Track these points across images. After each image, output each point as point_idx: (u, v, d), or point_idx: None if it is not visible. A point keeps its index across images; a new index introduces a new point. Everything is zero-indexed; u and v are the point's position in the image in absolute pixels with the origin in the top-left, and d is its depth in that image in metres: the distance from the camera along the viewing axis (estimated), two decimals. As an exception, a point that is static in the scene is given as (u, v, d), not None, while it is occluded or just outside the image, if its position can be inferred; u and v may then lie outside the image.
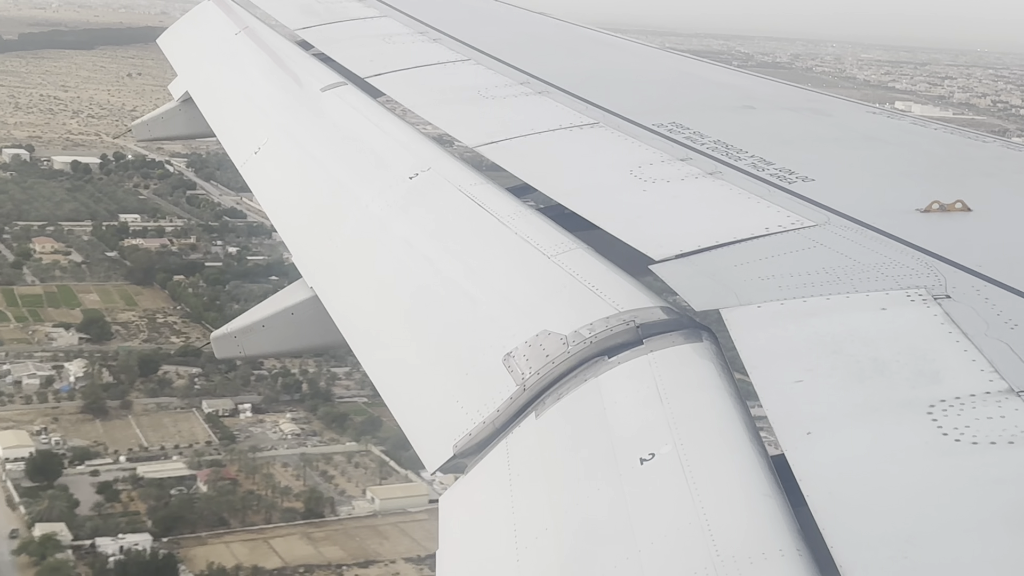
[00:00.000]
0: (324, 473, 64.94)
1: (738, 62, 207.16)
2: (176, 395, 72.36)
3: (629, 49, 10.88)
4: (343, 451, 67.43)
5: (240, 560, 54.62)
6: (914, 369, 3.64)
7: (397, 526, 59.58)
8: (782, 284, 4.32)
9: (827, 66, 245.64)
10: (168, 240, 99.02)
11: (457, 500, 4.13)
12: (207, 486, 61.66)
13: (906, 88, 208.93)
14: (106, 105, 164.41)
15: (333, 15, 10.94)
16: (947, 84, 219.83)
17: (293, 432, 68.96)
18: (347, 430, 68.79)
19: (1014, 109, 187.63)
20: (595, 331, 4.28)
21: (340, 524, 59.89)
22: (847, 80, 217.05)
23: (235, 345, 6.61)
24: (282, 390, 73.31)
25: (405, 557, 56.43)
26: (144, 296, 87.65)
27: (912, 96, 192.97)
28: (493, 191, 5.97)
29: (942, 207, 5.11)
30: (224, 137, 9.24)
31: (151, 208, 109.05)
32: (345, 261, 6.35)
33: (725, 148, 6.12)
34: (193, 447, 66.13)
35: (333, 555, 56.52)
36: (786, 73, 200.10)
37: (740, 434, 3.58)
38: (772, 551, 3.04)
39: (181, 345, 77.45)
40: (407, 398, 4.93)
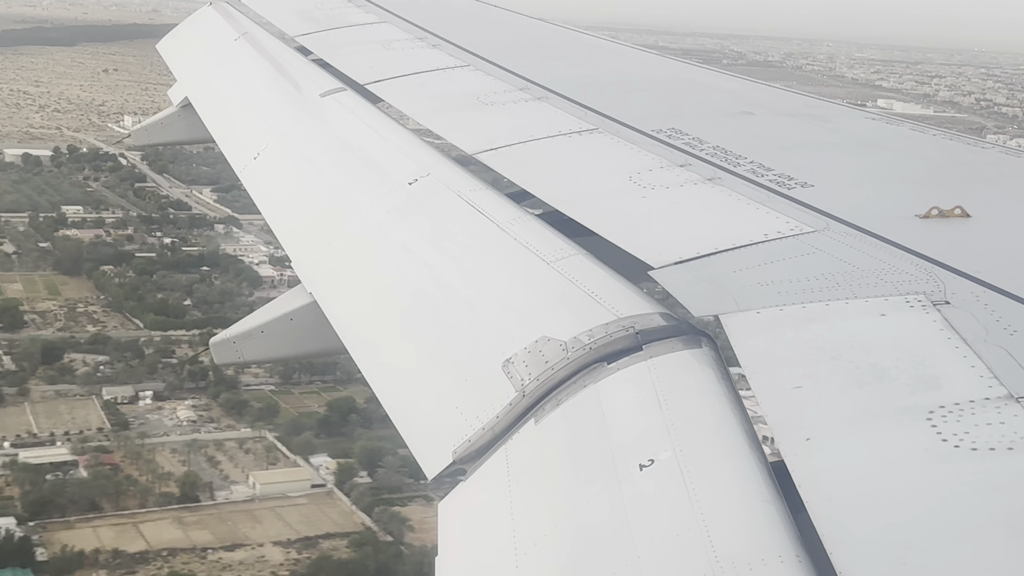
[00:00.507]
0: (211, 459, 65.08)
1: (728, 60, 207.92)
2: (77, 382, 72.42)
3: (628, 55, 10.89)
4: (237, 437, 67.70)
5: (104, 544, 54.67)
6: (913, 375, 3.64)
7: (274, 510, 59.86)
8: (781, 290, 4.32)
9: (818, 65, 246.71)
10: (104, 231, 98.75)
11: (456, 506, 4.13)
12: (88, 471, 61.53)
13: (892, 86, 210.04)
14: (75, 100, 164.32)
15: (332, 21, 10.95)
16: (935, 83, 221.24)
17: (189, 419, 69.22)
18: (245, 417, 69.18)
19: (996, 107, 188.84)
20: (594, 337, 4.28)
21: (215, 509, 60.08)
22: (835, 79, 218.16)
23: (234, 351, 6.60)
24: (188, 378, 73.42)
25: (274, 541, 56.66)
26: (69, 286, 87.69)
27: (897, 94, 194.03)
28: (492, 197, 5.97)
29: (941, 213, 5.11)
30: (223, 143, 9.24)
31: (95, 200, 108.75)
32: (344, 267, 6.35)
33: (724, 154, 6.12)
34: (83, 433, 66.12)
35: (201, 539, 56.67)
36: (776, 72, 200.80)
37: (739, 440, 3.58)
38: (771, 557, 3.04)
39: (94, 333, 77.83)
40: (406, 404, 4.93)
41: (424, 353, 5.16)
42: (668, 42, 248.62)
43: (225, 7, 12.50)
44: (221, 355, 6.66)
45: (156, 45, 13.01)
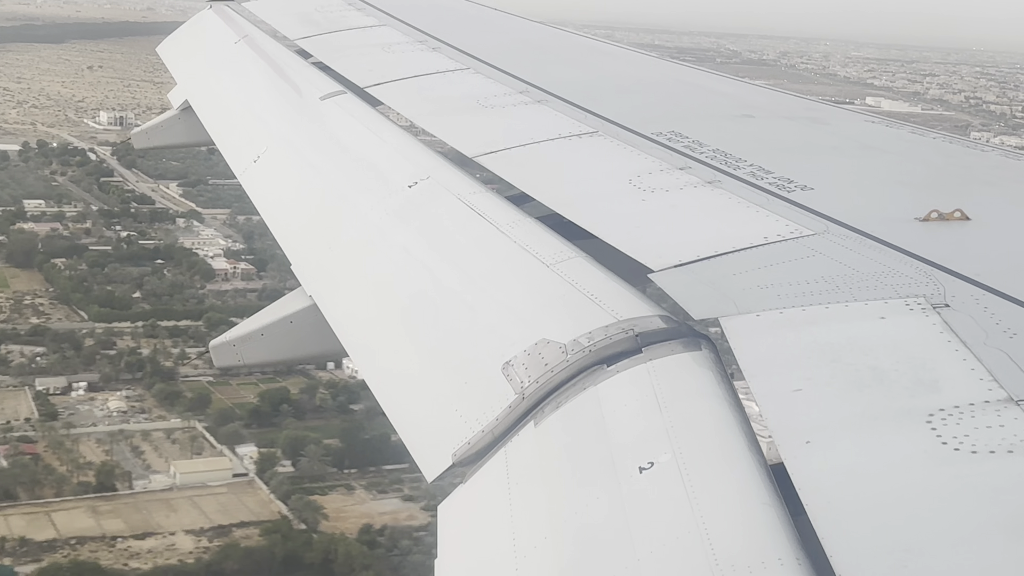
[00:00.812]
0: (136, 449, 64.88)
1: (722, 59, 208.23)
2: (11, 373, 72.02)
3: (628, 58, 10.90)
4: (165, 428, 67.56)
5: (13, 532, 54.52)
6: (913, 378, 3.64)
7: (191, 500, 59.69)
8: (781, 293, 4.32)
9: (812, 63, 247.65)
10: (62, 225, 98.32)
11: (456, 509, 4.13)
12: (7, 461, 61.20)
13: (884, 85, 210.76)
14: (54, 96, 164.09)
15: (332, 24, 10.96)
16: (927, 81, 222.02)
17: (119, 409, 68.96)
18: (176, 407, 69.04)
19: (985, 105, 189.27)
20: (594, 340, 4.28)
21: (132, 498, 59.86)
22: (828, 77, 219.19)
23: (234, 354, 6.60)
24: (124, 368, 73.24)
25: (187, 529, 56.50)
26: (20, 278, 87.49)
27: (887, 92, 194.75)
28: (492, 200, 5.97)
29: (941, 216, 5.11)
30: (223, 145, 9.25)
31: (59, 194, 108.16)
32: (344, 269, 6.36)
33: (724, 157, 6.12)
34: (10, 423, 65.70)
35: (113, 527, 56.46)
36: (769, 70, 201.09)
37: (739, 443, 3.58)
38: (771, 560, 3.03)
39: (34, 325, 77.77)
40: (406, 407, 4.93)
41: (424, 356, 5.16)
42: (664, 40, 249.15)
43: (225, 10, 12.51)
44: (221, 358, 6.66)
45: (156, 48, 13.03)
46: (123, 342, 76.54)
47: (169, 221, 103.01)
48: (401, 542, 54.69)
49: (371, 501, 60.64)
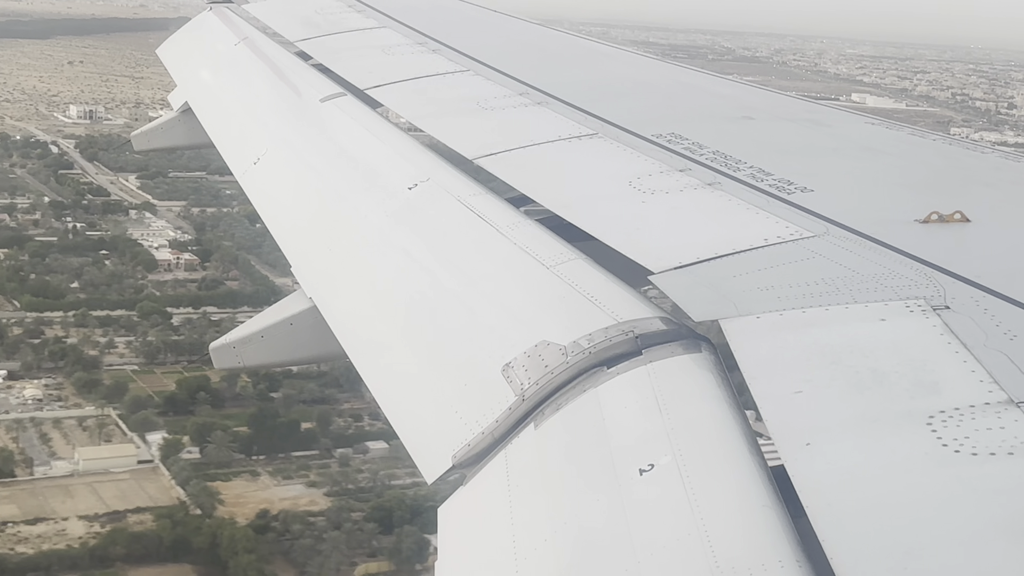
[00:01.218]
0: (44, 436, 65.04)
1: (714, 56, 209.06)
2: None
3: (628, 59, 10.90)
4: (79, 415, 67.71)
5: None
6: (913, 380, 3.64)
7: (91, 486, 59.81)
8: (781, 295, 4.32)
9: (804, 60, 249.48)
10: (9, 216, 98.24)
11: (456, 511, 4.12)
12: None
13: (873, 81, 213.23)
14: (29, 91, 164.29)
15: (332, 26, 10.96)
16: (917, 78, 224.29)
17: (35, 397, 69.16)
18: (93, 395, 69.11)
19: (972, 101, 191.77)
20: (594, 341, 4.27)
21: (30, 484, 59.99)
22: (818, 74, 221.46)
23: (234, 356, 6.60)
24: (47, 357, 73.25)
25: (81, 515, 56.66)
26: None
27: (875, 88, 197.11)
28: (492, 202, 5.97)
29: (941, 218, 5.11)
30: (223, 147, 9.25)
31: (13, 186, 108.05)
32: (344, 271, 6.36)
33: (724, 159, 6.12)
34: None
35: (6, 512, 56.63)
36: (759, 67, 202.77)
37: (739, 445, 3.57)
38: (772, 562, 3.03)
39: None
40: (406, 408, 4.92)
41: (424, 358, 5.16)
42: (660, 38, 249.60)
43: (225, 12, 12.52)
44: (221, 360, 6.66)
45: (156, 50, 13.03)
46: (52, 331, 76.63)
47: (122, 213, 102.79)
48: (293, 527, 55.19)
49: (274, 487, 61.12)
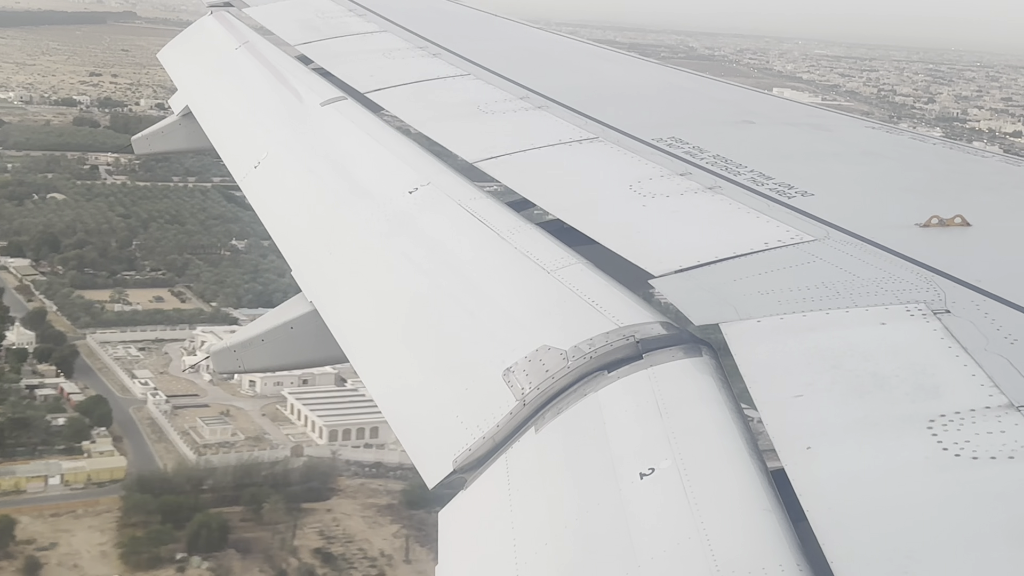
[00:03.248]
0: None
1: (667, 53, 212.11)
2: None
3: (628, 63, 10.91)
4: None
5: None
6: (914, 384, 3.64)
7: None
8: (781, 299, 4.32)
9: (758, 60, 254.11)
10: None
11: (456, 515, 4.12)
12: None
13: (810, 78, 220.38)
14: None
15: (333, 30, 10.97)
16: (859, 76, 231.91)
17: None
18: None
19: (894, 97, 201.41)
20: (595, 346, 4.28)
21: None
22: (763, 71, 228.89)
23: (234, 360, 6.60)
24: None
25: None
26: None
27: (806, 84, 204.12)
28: (493, 206, 5.98)
29: (941, 222, 5.11)
30: (224, 151, 9.25)
31: None
32: (344, 275, 6.36)
33: (724, 163, 6.13)
34: None
35: None
36: (708, 64, 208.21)
37: (740, 449, 3.58)
38: (772, 566, 3.03)
39: None
40: (406, 413, 4.92)
41: (424, 362, 5.16)
42: (632, 38, 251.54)
43: (226, 16, 12.53)
44: (222, 364, 6.66)
45: (157, 54, 13.04)
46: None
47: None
48: None
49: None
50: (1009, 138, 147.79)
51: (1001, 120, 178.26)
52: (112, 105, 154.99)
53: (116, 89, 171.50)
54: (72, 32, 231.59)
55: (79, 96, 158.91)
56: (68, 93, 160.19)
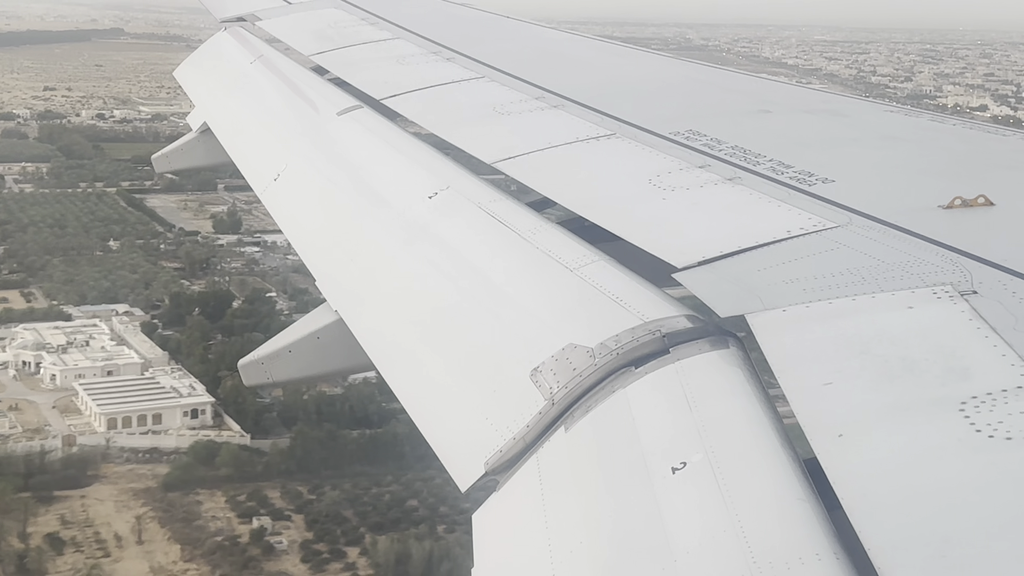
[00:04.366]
0: None
1: (659, 44, 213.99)
2: None
3: (642, 59, 10.89)
4: None
5: None
6: (944, 366, 3.61)
7: None
8: (806, 287, 4.31)
9: (749, 48, 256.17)
10: None
11: (490, 517, 4.13)
12: None
13: (794, 63, 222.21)
14: None
15: (347, 39, 11.01)
16: (846, 59, 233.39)
17: None
18: None
19: (871, 77, 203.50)
20: (621, 342, 4.27)
21: None
22: (750, 59, 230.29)
23: (263, 372, 6.63)
24: None
25: None
26: None
27: (784, 68, 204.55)
28: (513, 206, 5.98)
29: (964, 203, 5.08)
30: (243, 165, 9.30)
31: None
32: (368, 283, 6.37)
33: (743, 153, 6.11)
34: None
35: None
36: (699, 54, 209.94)
37: (771, 439, 3.56)
38: (809, 556, 3.02)
39: None
40: (436, 417, 4.93)
41: (451, 366, 5.17)
42: (631, 32, 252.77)
43: (240, 31, 12.59)
44: (250, 377, 6.68)
45: (173, 72, 13.12)
46: None
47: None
48: None
49: None
50: (975, 112, 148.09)
51: (972, 95, 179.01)
52: (51, 118, 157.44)
53: (66, 102, 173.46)
54: (52, 50, 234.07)
55: (20, 111, 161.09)
56: (13, 108, 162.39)
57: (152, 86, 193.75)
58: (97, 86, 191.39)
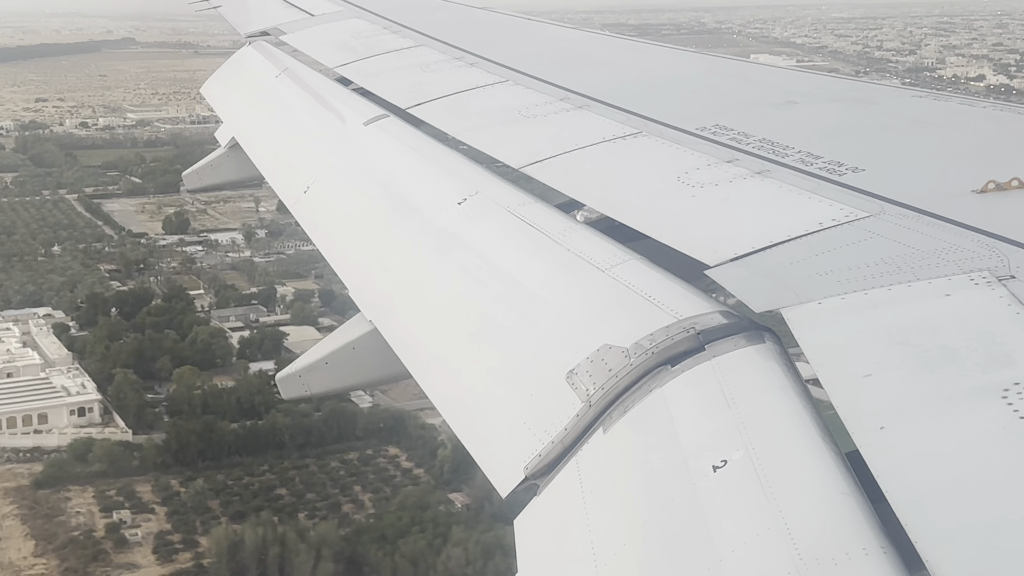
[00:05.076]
0: None
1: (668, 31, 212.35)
2: None
3: (665, 55, 10.86)
4: None
5: None
6: (984, 353, 3.57)
7: None
8: (841, 278, 4.27)
9: (758, 30, 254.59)
10: None
11: (533, 522, 4.12)
12: None
13: (802, 43, 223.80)
14: None
15: (370, 49, 11.04)
16: (855, 36, 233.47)
17: None
18: None
19: (874, 52, 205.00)
20: (656, 341, 4.25)
21: None
22: (759, 40, 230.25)
23: (300, 384, 6.66)
24: None
25: None
26: None
27: (790, 47, 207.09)
28: (542, 209, 5.97)
29: (998, 186, 5.02)
30: (273, 179, 9.35)
31: None
32: (401, 292, 6.39)
33: (771, 146, 6.07)
34: None
35: None
36: (708, 38, 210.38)
37: (812, 433, 3.54)
38: (855, 550, 2.99)
39: None
40: (474, 424, 4.93)
41: (487, 371, 5.17)
42: (645, 19, 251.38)
43: (264, 46, 12.66)
44: (288, 390, 6.72)
45: (200, 89, 13.21)
46: None
47: None
48: None
49: None
50: (972, 83, 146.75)
51: (972, 66, 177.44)
52: (35, 128, 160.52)
53: (56, 113, 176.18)
54: (60, 62, 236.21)
55: (5, 122, 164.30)
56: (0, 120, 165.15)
57: (147, 93, 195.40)
58: (92, 95, 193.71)
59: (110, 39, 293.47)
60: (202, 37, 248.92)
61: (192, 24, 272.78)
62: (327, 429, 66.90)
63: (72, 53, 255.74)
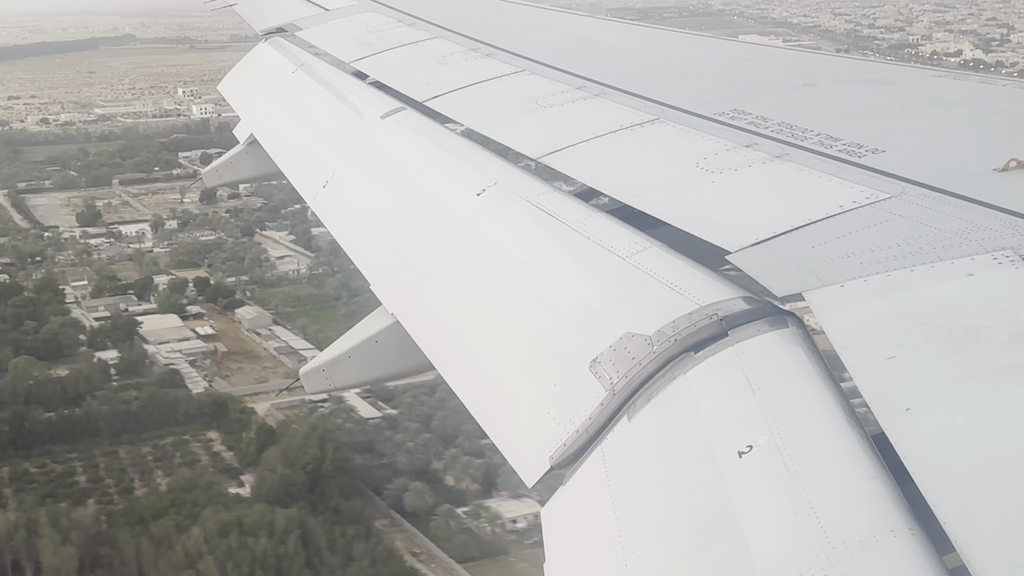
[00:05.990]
0: None
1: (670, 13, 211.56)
2: None
3: (680, 40, 10.82)
4: None
5: None
6: (1010, 333, 3.56)
7: None
8: (863, 260, 4.26)
9: (758, 9, 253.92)
10: None
11: (558, 511, 4.13)
12: None
13: (797, 23, 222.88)
14: None
15: (385, 43, 11.05)
16: (852, 15, 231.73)
17: None
18: None
19: (865, 30, 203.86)
20: (678, 328, 4.25)
21: None
22: (759, 20, 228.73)
23: (324, 379, 6.68)
24: None
25: None
26: None
27: (784, 27, 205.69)
28: (561, 199, 5.98)
29: (1020, 164, 4.99)
30: (292, 174, 9.38)
31: None
32: (422, 284, 6.40)
33: (790, 129, 6.05)
34: None
35: None
36: (713, 20, 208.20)
37: (837, 417, 3.53)
38: (883, 533, 2.99)
39: None
40: (498, 415, 4.95)
41: (510, 361, 5.18)
42: (651, 2, 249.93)
43: (280, 41, 12.70)
44: (312, 385, 6.74)
45: (217, 86, 13.26)
46: None
47: None
48: None
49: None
50: (947, 58, 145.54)
51: (953, 42, 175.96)
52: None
53: (24, 110, 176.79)
54: (54, 60, 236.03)
55: None
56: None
57: (123, 88, 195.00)
58: (69, 92, 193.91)
59: (108, 36, 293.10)
60: (205, 32, 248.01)
61: (200, 20, 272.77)
62: (146, 415, 67.70)
63: (69, 51, 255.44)
